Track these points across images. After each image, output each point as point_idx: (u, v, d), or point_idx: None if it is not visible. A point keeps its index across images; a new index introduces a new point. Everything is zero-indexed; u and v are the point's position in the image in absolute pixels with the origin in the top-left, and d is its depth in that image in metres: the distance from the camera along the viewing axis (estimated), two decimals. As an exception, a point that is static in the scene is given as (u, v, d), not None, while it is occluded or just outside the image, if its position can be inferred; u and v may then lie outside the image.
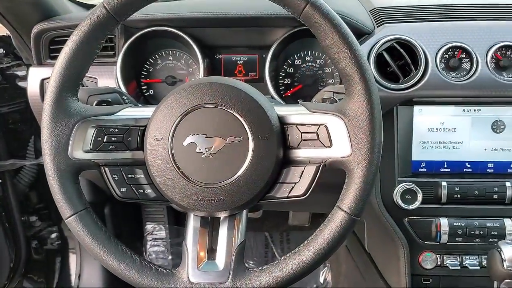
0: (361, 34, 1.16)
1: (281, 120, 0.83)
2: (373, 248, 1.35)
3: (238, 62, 1.27)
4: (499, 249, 0.93)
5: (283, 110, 0.84)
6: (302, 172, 0.82)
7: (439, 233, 1.13)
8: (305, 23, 0.79)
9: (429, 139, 1.17)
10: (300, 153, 0.82)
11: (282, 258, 0.80)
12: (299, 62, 1.26)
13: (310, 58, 1.26)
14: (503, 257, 0.92)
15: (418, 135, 1.16)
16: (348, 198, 0.78)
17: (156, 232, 2.05)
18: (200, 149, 0.79)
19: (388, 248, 1.19)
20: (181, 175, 0.79)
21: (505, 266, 0.91)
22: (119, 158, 0.84)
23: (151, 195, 0.84)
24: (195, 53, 1.19)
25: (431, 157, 1.17)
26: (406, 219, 1.15)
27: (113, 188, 0.84)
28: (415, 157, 1.17)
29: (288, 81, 1.26)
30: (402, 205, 1.13)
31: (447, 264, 1.15)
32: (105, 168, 0.84)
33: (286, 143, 0.82)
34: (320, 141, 0.81)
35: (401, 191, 1.13)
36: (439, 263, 1.16)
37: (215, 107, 0.80)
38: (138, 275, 0.79)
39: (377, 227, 1.24)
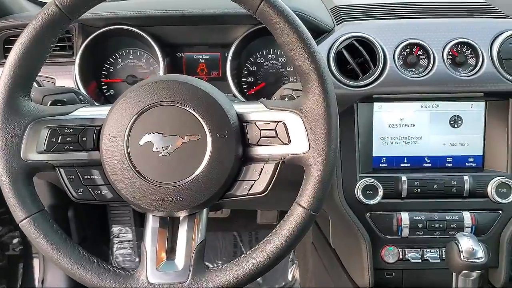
0: (321, 32, 1.17)
1: (240, 118, 0.82)
2: (338, 243, 1.36)
3: (200, 60, 1.27)
4: (456, 241, 0.95)
5: (241, 107, 0.84)
6: (262, 169, 0.82)
7: (400, 227, 1.15)
8: (261, 20, 0.79)
9: (389, 135, 1.19)
10: (259, 151, 0.82)
11: (242, 256, 0.80)
12: (262, 60, 1.26)
13: (273, 56, 1.26)
14: (460, 249, 0.94)
15: (378, 131, 1.18)
16: (306, 194, 0.78)
17: (122, 235, 2.02)
18: (157, 148, 0.78)
19: (351, 243, 1.21)
20: (138, 175, 0.78)
21: (462, 257, 0.93)
22: (74, 158, 0.82)
23: (108, 196, 0.82)
24: (155, 52, 1.18)
25: (392, 152, 1.19)
26: (368, 214, 1.17)
27: (68, 190, 0.82)
28: (376, 153, 1.19)
29: (251, 79, 1.26)
30: (364, 200, 1.14)
31: (409, 258, 1.17)
32: (60, 169, 0.82)
33: (245, 140, 0.82)
34: (278, 138, 0.81)
35: (363, 186, 1.14)
36: (401, 256, 1.18)
37: (172, 105, 0.79)
38: (96, 277, 0.77)
39: (340, 223, 1.25)
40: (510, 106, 1.14)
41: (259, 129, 0.81)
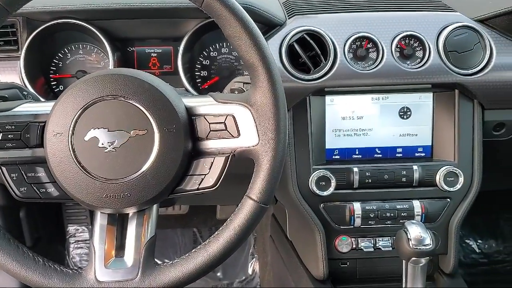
0: (273, 25, 1.17)
1: (189, 112, 0.82)
2: (294, 236, 1.38)
3: (152, 54, 1.25)
4: (405, 229, 0.98)
5: (190, 101, 0.83)
6: (212, 163, 0.81)
7: (352, 217, 1.17)
8: (207, 13, 0.78)
9: (341, 127, 1.20)
10: (209, 144, 0.81)
11: (193, 250, 0.79)
12: (215, 54, 1.25)
13: (226, 50, 1.26)
14: (409, 236, 0.96)
15: (331, 124, 1.20)
16: (256, 186, 0.78)
17: (79, 234, 1.97)
18: (102, 144, 0.77)
19: (307, 234, 1.22)
20: (84, 171, 0.76)
21: (411, 245, 0.96)
22: (17, 156, 0.79)
23: (54, 193, 0.80)
24: (105, 46, 1.15)
25: (344, 144, 1.21)
26: (321, 205, 1.18)
27: (11, 188, 0.79)
28: (329, 145, 1.21)
29: (205, 73, 1.26)
30: (317, 192, 1.16)
31: (362, 247, 1.20)
32: (2, 168, 0.79)
33: (194, 134, 0.81)
34: (228, 131, 0.81)
35: (316, 178, 1.16)
36: (354, 246, 1.20)
37: (117, 99, 0.77)
38: (41, 277, 0.75)
39: (296, 215, 1.26)
40: (456, 97, 1.18)
41: (208, 122, 0.81)
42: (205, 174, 0.81)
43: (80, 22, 1.14)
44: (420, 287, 0.99)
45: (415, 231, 0.96)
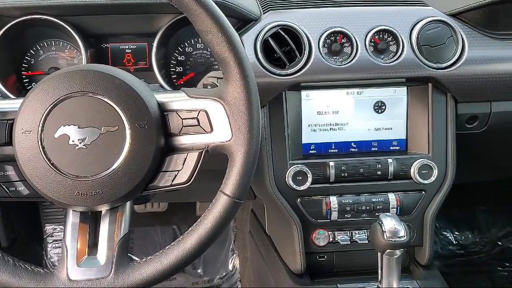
0: (248, 20, 1.17)
1: (161, 107, 0.81)
2: (273, 230, 1.38)
3: (126, 51, 1.23)
4: (380, 222, 0.99)
5: (163, 96, 0.82)
6: (185, 159, 0.81)
7: (329, 211, 1.18)
8: (178, 8, 0.78)
9: (317, 122, 1.21)
10: (182, 140, 0.81)
11: (167, 247, 0.79)
12: (190, 49, 1.25)
13: (201, 46, 1.25)
14: (383, 229, 0.97)
15: (307, 119, 1.20)
16: (230, 181, 0.78)
17: (56, 234, 1.95)
18: (73, 141, 0.76)
19: (284, 229, 1.23)
20: (54, 169, 0.75)
21: (385, 237, 0.97)
22: None
23: (24, 192, 0.79)
24: (77, 42, 1.14)
25: (320, 139, 1.21)
26: (298, 199, 1.19)
27: None
28: (305, 140, 1.21)
29: (180, 69, 1.25)
30: (294, 186, 1.16)
31: (338, 240, 1.21)
32: None
33: (167, 130, 0.81)
34: (201, 126, 0.80)
35: (293, 173, 1.16)
36: (331, 239, 1.21)
37: (88, 95, 0.76)
38: (12, 277, 0.74)
39: (274, 210, 1.27)
40: (429, 91, 1.19)
41: (181, 118, 0.81)
42: (178, 170, 0.81)
43: (52, 18, 1.12)
44: (396, 278, 1.00)
45: (389, 224, 0.97)
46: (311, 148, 1.22)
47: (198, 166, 0.81)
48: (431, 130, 1.19)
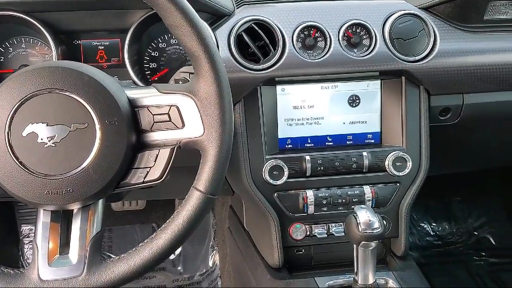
0: (222, 15, 1.16)
1: (132, 104, 0.80)
2: (251, 226, 1.38)
3: (99, 47, 1.21)
4: (355, 214, 1.00)
5: (133, 92, 0.81)
6: (157, 155, 0.80)
7: (306, 204, 1.19)
8: (148, 3, 0.77)
9: (293, 117, 1.21)
10: (153, 136, 0.81)
11: (140, 244, 0.78)
12: (164, 45, 1.23)
13: (175, 41, 1.23)
14: (358, 221, 0.98)
15: (283, 113, 1.20)
16: (203, 177, 0.78)
17: (33, 234, 1.91)
18: (42, 139, 0.74)
19: (262, 224, 1.23)
20: (23, 168, 0.74)
21: (360, 229, 0.98)
22: None
23: None
24: (47, 39, 1.12)
25: (296, 133, 1.22)
26: (275, 194, 1.19)
27: None
28: (281, 134, 1.21)
29: (154, 65, 1.23)
30: (270, 181, 1.16)
31: (315, 233, 1.22)
32: None
33: (138, 126, 0.80)
34: (172, 122, 0.80)
35: (269, 168, 1.16)
36: (308, 233, 1.22)
37: (56, 92, 0.75)
38: None
39: (251, 205, 1.27)
40: (403, 84, 1.20)
41: (152, 114, 0.80)
42: (151, 167, 0.80)
43: (20, 15, 1.09)
44: (371, 270, 1.01)
45: (364, 216, 0.98)
46: (287, 142, 1.22)
47: (171, 163, 0.80)
48: (405, 123, 1.21)
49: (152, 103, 0.80)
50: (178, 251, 1.93)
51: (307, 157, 1.18)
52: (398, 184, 1.22)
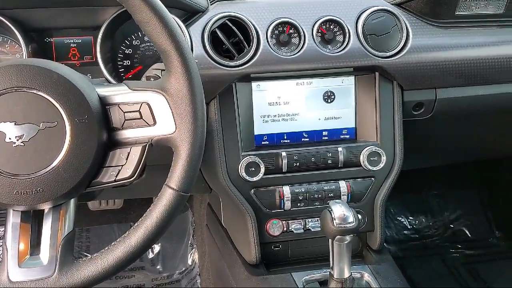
0: (195, 12, 1.16)
1: (103, 101, 0.80)
2: (228, 223, 1.38)
3: (71, 45, 1.19)
4: (329, 209, 1.00)
5: (104, 90, 0.81)
6: (129, 153, 0.80)
7: (282, 200, 1.19)
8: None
9: (269, 113, 1.21)
10: (125, 134, 0.80)
11: (113, 243, 0.77)
12: (138, 42, 1.22)
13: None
14: (333, 215, 0.99)
15: (259, 110, 1.20)
16: (175, 175, 0.78)
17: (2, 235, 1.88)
18: (10, 138, 0.73)
19: (239, 221, 1.23)
20: None
21: (335, 223, 0.98)
22: None
23: None
24: (17, 37, 1.10)
25: (272, 130, 1.22)
26: (252, 191, 1.19)
27: None
28: (258, 131, 1.21)
29: (128, 62, 1.22)
30: (247, 177, 1.16)
31: (292, 229, 1.22)
32: None
33: (109, 124, 0.80)
34: (143, 119, 0.79)
35: (245, 164, 1.16)
36: (285, 229, 1.22)
37: (24, 91, 0.74)
38: None
39: (229, 202, 1.27)
40: (376, 80, 1.21)
41: (123, 111, 0.79)
42: (122, 165, 0.80)
43: (-13, 12, 1.07)
44: (347, 264, 1.02)
45: (339, 210, 0.99)
46: (264, 139, 1.22)
47: (143, 160, 0.80)
48: (379, 118, 1.22)
49: (123, 101, 0.79)
50: (157, 250, 1.92)
51: (283, 153, 1.18)
52: (373, 178, 1.23)
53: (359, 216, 1.23)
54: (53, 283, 0.74)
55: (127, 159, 0.79)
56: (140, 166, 0.79)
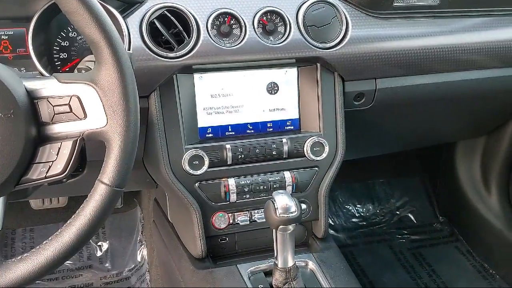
0: (133, 3, 1.13)
1: (31, 95, 0.76)
2: (174, 217, 1.37)
3: (2, 37, 1.14)
4: (273, 200, 1.01)
5: (32, 84, 0.77)
6: (59, 148, 0.77)
7: (228, 193, 1.19)
8: (42, -12, 0.73)
9: (213, 105, 1.20)
10: (54, 129, 0.77)
11: (44, 242, 0.75)
12: (74, 34, 1.18)
13: (86, 30, 1.18)
14: (276, 206, 0.99)
15: (202, 102, 1.19)
16: (108, 169, 0.75)
17: None
18: None
19: (184, 215, 1.21)
20: None
21: (278, 214, 0.99)
22: None
23: None
24: None
25: (217, 122, 1.21)
26: (196, 184, 1.18)
27: None
28: (201, 123, 1.20)
29: (64, 55, 1.17)
30: (191, 171, 1.15)
31: (238, 221, 1.22)
32: None
33: (38, 119, 0.76)
34: (73, 113, 0.77)
35: (188, 158, 1.15)
36: (231, 221, 1.22)
37: None
38: None
39: (174, 196, 1.25)
40: (318, 71, 1.23)
41: (52, 105, 0.76)
42: (53, 161, 0.77)
43: None
44: (290, 253, 1.03)
45: (281, 200, 1.00)
46: (208, 131, 1.21)
47: (74, 155, 0.77)
48: (321, 109, 1.23)
49: (52, 94, 0.76)
50: (105, 248, 1.87)
51: (228, 146, 1.18)
52: (316, 168, 1.25)
53: (304, 206, 1.24)
54: (-21, 286, 0.71)
55: (57, 154, 0.76)
56: (72, 162, 0.77)
